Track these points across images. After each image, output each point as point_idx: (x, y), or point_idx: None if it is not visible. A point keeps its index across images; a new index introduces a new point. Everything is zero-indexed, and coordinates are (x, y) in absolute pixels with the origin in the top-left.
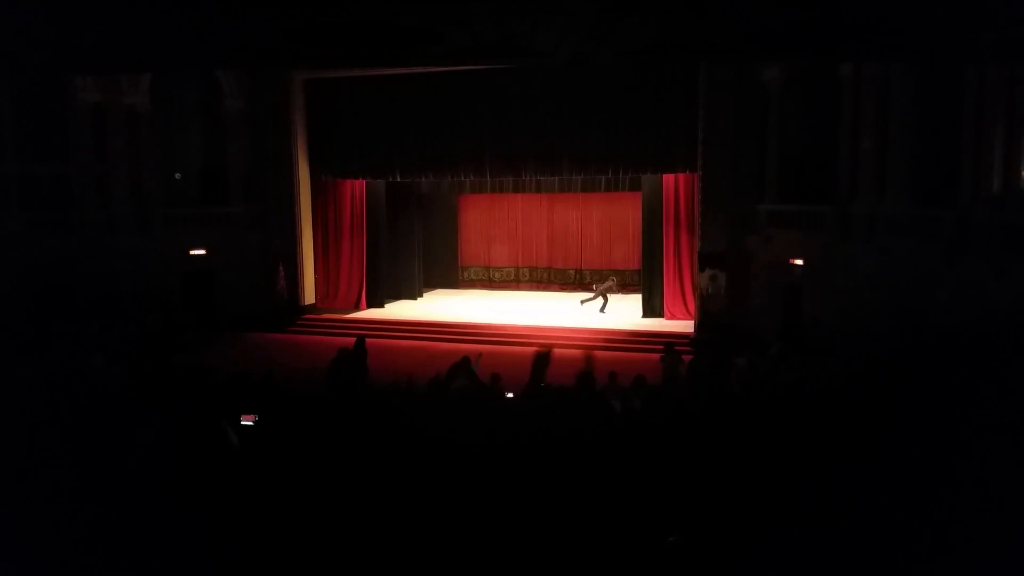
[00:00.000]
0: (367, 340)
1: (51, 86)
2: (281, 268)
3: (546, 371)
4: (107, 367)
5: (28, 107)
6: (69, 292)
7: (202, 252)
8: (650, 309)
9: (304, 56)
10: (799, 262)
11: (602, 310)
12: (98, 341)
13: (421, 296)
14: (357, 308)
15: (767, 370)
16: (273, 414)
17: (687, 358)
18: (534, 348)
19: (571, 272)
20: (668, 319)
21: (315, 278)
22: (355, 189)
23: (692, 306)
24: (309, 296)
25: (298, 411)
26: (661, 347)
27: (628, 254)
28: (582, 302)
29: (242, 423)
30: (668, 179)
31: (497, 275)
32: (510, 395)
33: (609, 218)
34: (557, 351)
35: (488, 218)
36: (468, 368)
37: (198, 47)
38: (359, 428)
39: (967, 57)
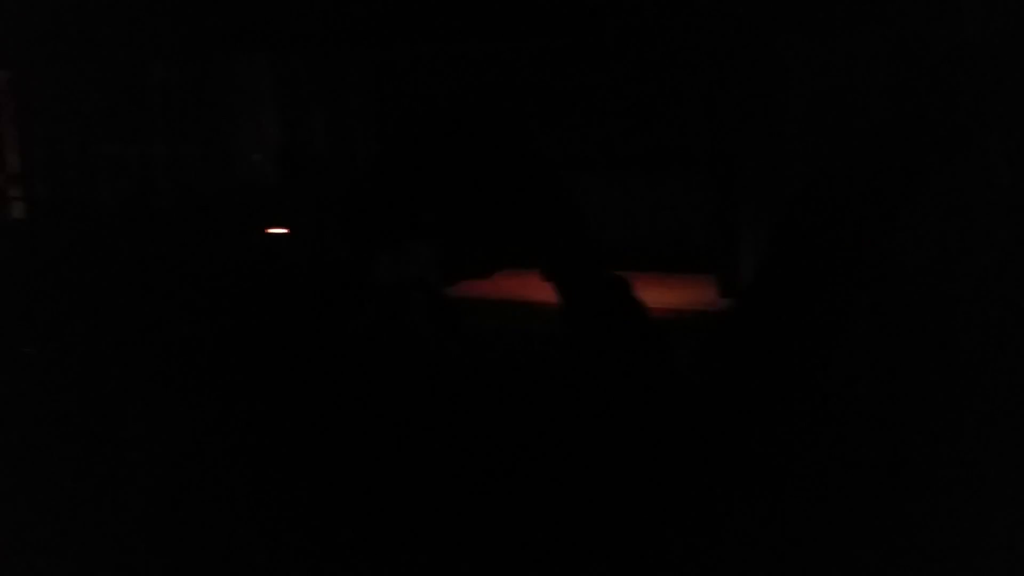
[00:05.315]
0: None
1: (132, 68)
2: None
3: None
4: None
5: (111, 89)
6: (152, 274)
7: (283, 231)
8: None
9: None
10: None
11: None
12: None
13: None
14: None
15: None
16: None
17: None
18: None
19: None
20: None
21: None
22: None
23: None
24: None
25: None
26: None
27: None
28: None
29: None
30: None
31: None
32: None
33: None
34: None
35: None
36: None
37: (275, 28)
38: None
39: None
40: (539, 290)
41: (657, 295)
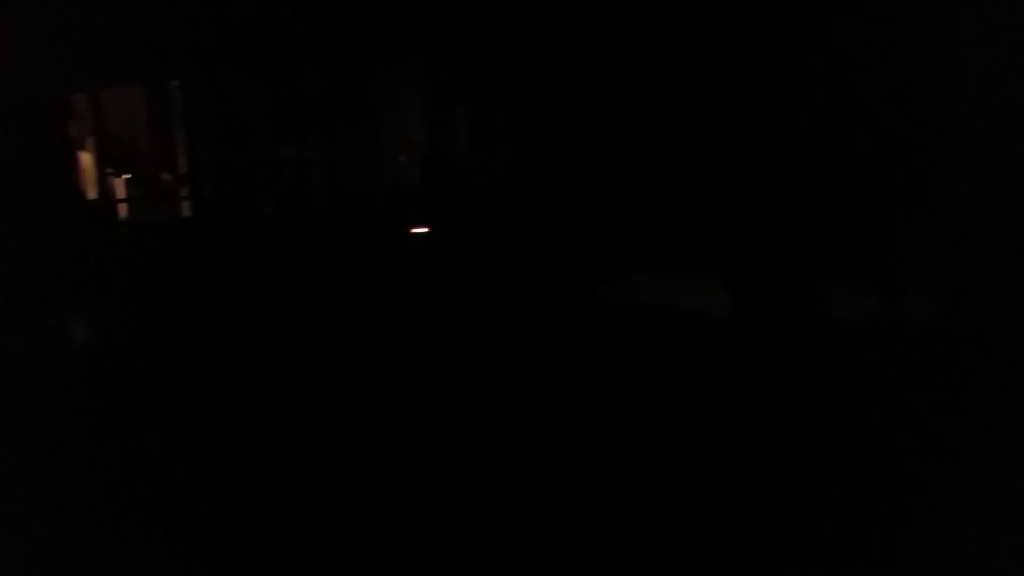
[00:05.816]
0: None
1: (289, 76)
2: None
3: None
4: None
5: (270, 95)
6: (308, 270)
7: (426, 230)
8: None
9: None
10: None
11: None
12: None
13: None
14: None
15: None
16: None
17: None
18: None
19: None
20: None
21: None
22: None
23: None
24: None
25: None
26: None
27: None
28: None
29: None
30: None
31: None
32: None
33: None
34: None
35: None
36: None
37: (421, 33)
38: None
39: None
40: (687, 294)
41: None
